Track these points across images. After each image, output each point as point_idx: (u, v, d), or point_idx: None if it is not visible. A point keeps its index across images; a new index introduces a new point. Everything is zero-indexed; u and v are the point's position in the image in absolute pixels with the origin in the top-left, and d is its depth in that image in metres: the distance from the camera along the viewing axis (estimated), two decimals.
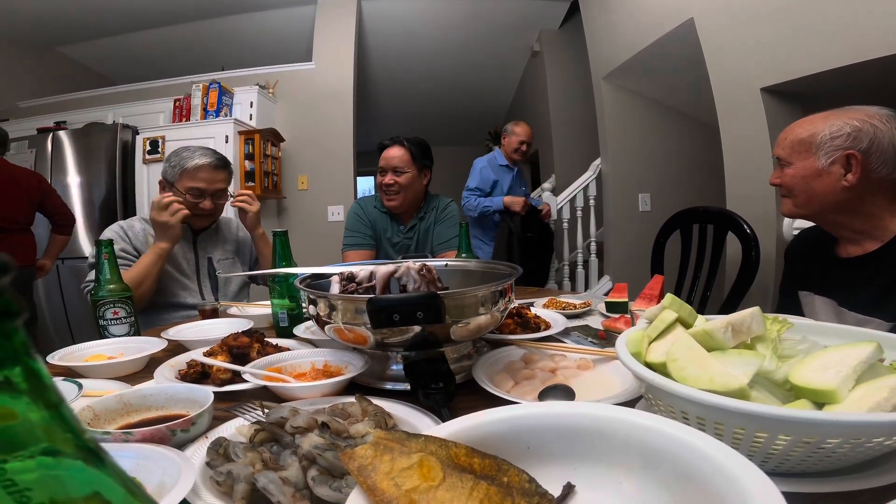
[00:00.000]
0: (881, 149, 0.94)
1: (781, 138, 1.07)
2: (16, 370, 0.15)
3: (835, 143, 0.97)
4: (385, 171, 1.79)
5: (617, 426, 0.41)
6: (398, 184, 1.77)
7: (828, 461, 0.42)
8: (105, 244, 1.08)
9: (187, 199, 1.47)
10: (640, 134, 3.30)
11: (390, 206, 1.83)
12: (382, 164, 1.80)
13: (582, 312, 1.24)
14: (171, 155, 1.53)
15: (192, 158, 1.49)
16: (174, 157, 1.51)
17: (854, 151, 0.95)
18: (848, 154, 0.96)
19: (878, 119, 0.95)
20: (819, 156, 0.99)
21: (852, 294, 1.01)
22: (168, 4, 3.62)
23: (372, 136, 5.45)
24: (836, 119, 0.98)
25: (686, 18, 2.36)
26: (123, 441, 0.53)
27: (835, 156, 0.97)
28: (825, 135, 0.98)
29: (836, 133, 0.97)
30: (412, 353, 0.71)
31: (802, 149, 1.02)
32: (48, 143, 3.10)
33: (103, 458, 0.17)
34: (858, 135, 0.95)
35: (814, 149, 1.00)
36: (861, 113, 0.97)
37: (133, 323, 1.09)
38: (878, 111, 0.97)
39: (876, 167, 0.95)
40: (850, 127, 0.96)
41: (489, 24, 4.13)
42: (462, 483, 0.35)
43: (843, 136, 0.96)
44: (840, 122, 0.97)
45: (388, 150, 1.80)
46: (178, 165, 1.48)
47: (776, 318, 0.58)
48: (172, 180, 1.49)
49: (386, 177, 1.78)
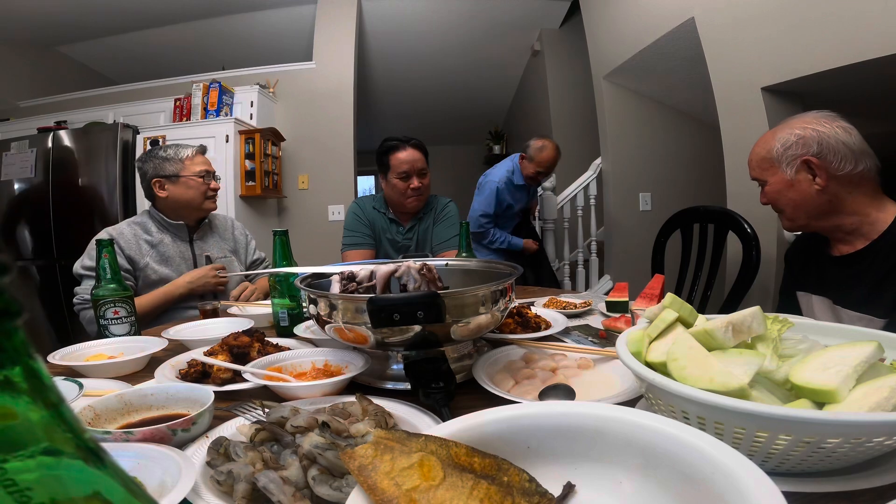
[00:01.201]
0: (831, 147, 0.98)
1: (749, 160, 1.12)
2: (16, 370, 0.15)
3: (788, 153, 1.02)
4: (411, 175, 1.78)
5: (617, 426, 0.41)
6: (423, 185, 1.80)
7: (828, 461, 0.42)
8: (105, 244, 1.08)
9: (198, 181, 1.54)
10: (640, 133, 3.30)
11: (415, 207, 1.84)
12: (407, 167, 1.77)
13: (582, 312, 1.24)
14: (147, 157, 1.55)
15: (181, 149, 1.56)
16: (159, 155, 1.54)
17: (808, 156, 0.99)
18: (805, 160, 1.00)
19: (818, 122, 1.00)
20: (783, 168, 1.03)
21: (846, 292, 1.03)
22: (168, 4, 3.62)
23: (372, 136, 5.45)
24: (781, 132, 1.04)
25: (687, 18, 2.36)
26: (124, 441, 0.53)
27: (795, 164, 1.02)
28: (778, 148, 1.03)
29: (785, 144, 1.02)
30: (412, 353, 0.71)
31: (767, 165, 1.07)
32: (49, 143, 3.10)
33: (104, 458, 0.17)
34: (805, 141, 1.00)
35: (776, 163, 1.04)
36: (799, 121, 1.02)
37: (133, 322, 1.09)
38: (815, 115, 1.02)
39: (836, 165, 0.98)
40: (795, 136, 1.01)
41: (489, 24, 4.13)
42: (462, 482, 0.35)
43: (792, 145, 1.01)
44: (785, 133, 1.02)
45: (403, 152, 1.78)
46: (176, 157, 1.53)
47: (777, 317, 0.58)
48: (177, 172, 1.52)
49: (413, 180, 1.78)
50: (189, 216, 1.58)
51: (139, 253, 1.48)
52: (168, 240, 1.55)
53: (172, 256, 1.54)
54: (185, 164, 1.53)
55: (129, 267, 1.46)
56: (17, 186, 3.11)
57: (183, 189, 1.53)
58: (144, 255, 1.49)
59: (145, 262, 1.49)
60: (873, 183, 1.01)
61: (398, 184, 1.78)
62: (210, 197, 1.58)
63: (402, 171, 1.76)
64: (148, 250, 1.51)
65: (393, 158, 1.78)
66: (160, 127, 3.27)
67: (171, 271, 1.52)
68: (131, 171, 3.19)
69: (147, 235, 1.52)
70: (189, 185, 1.53)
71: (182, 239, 1.57)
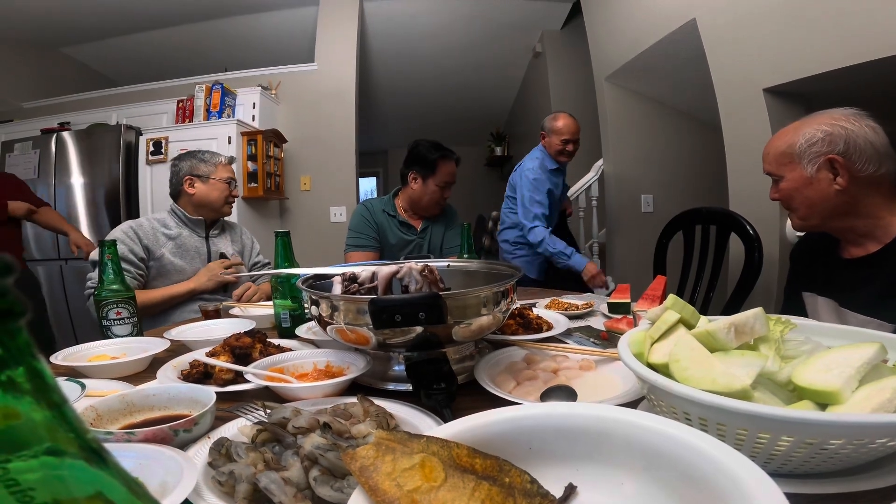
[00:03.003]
0: (858, 147, 0.95)
1: (765, 153, 1.08)
2: (19, 370, 0.15)
3: (812, 149, 0.98)
4: (450, 185, 1.90)
5: (619, 427, 0.41)
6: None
7: (831, 462, 0.42)
8: (108, 245, 1.08)
9: (224, 186, 1.69)
10: (642, 135, 3.30)
11: (437, 213, 1.97)
12: (451, 179, 1.89)
13: (584, 313, 1.23)
14: (187, 156, 1.70)
15: (216, 156, 1.72)
16: (197, 156, 1.69)
17: (834, 155, 0.96)
18: (829, 158, 0.97)
19: (846, 120, 0.96)
20: (804, 164, 1.00)
21: (854, 294, 1.01)
22: (171, 6, 3.63)
23: (374, 137, 5.47)
24: (807, 127, 1.00)
25: (688, 19, 2.36)
26: (126, 441, 0.53)
27: (818, 162, 0.98)
28: (801, 144, 0.99)
29: (810, 140, 0.98)
30: (414, 354, 0.71)
31: (786, 160, 1.03)
32: (52, 144, 3.11)
33: (106, 459, 0.17)
34: (832, 138, 0.96)
35: (796, 159, 1.00)
36: (827, 117, 0.99)
37: (136, 323, 1.10)
38: (843, 112, 0.98)
39: (860, 166, 0.95)
40: (822, 132, 0.97)
41: (491, 25, 4.13)
42: (464, 484, 0.35)
43: (818, 142, 0.97)
44: (811, 128, 0.99)
45: (450, 164, 1.87)
46: (211, 161, 1.69)
47: (779, 318, 0.58)
48: (208, 174, 1.67)
49: (448, 191, 1.91)
50: (208, 215, 1.70)
51: (156, 243, 1.57)
52: (186, 233, 1.65)
53: (189, 249, 1.64)
54: (217, 169, 1.69)
55: (144, 256, 1.54)
56: None
57: (209, 189, 1.67)
58: (161, 245, 1.58)
59: (162, 252, 1.57)
60: (891, 186, 0.98)
61: (436, 191, 1.88)
62: (229, 202, 1.73)
63: (447, 181, 1.88)
64: (165, 241, 1.60)
65: (442, 167, 1.86)
66: (163, 128, 3.28)
67: (185, 263, 1.61)
68: (134, 173, 3.21)
69: (165, 229, 1.62)
70: (216, 187, 1.68)
71: (199, 234, 1.68)
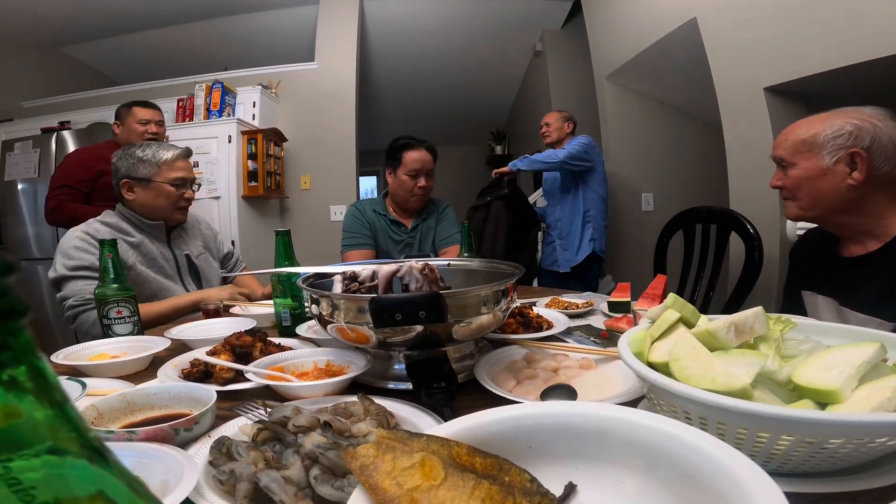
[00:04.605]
0: (882, 146, 0.95)
1: (781, 140, 1.07)
2: (21, 369, 0.15)
3: (837, 141, 0.98)
4: (419, 174, 1.85)
5: (619, 426, 0.41)
6: (428, 186, 1.89)
7: (830, 461, 0.42)
8: (108, 244, 1.08)
9: (171, 190, 1.44)
10: (642, 134, 3.30)
11: (416, 206, 1.93)
12: (418, 167, 1.85)
13: (584, 312, 1.23)
14: (124, 154, 1.44)
15: (162, 151, 1.45)
16: (135, 154, 1.43)
17: (858, 149, 0.96)
18: (853, 152, 0.96)
19: (876, 118, 0.97)
20: (823, 155, 0.99)
21: (854, 293, 1.01)
22: (171, 5, 3.63)
23: (374, 136, 5.46)
24: (836, 119, 0.99)
25: (689, 18, 2.35)
26: (127, 440, 0.53)
27: (839, 154, 0.98)
28: (827, 134, 0.99)
29: (837, 132, 0.98)
30: (414, 353, 0.71)
31: (805, 149, 1.02)
32: (52, 143, 3.11)
33: (107, 457, 0.17)
34: (860, 133, 0.96)
35: (816, 148, 1.00)
36: (859, 113, 0.98)
37: (136, 322, 1.10)
38: (873, 111, 0.98)
39: (879, 164, 0.96)
40: (852, 126, 0.97)
41: (491, 24, 4.13)
42: (464, 482, 0.35)
43: (845, 135, 0.97)
44: (840, 121, 0.98)
45: (416, 152, 1.85)
46: (150, 160, 1.42)
47: (779, 317, 0.58)
48: (148, 176, 1.41)
49: (421, 180, 1.86)
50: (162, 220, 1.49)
51: (124, 254, 1.37)
52: (147, 241, 1.45)
53: (155, 258, 1.46)
54: (161, 169, 1.43)
55: None
56: (20, 187, 3.12)
57: (152, 196, 1.43)
58: (129, 256, 1.39)
59: (131, 262, 1.39)
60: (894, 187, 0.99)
61: (407, 181, 1.85)
62: (181, 208, 1.49)
63: (413, 169, 1.84)
64: (131, 252, 1.40)
65: (406, 156, 1.85)
66: None
67: (157, 273, 1.44)
68: None
69: (126, 236, 1.41)
70: (160, 191, 1.43)
71: (160, 239, 1.49)
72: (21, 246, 3.11)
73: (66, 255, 1.31)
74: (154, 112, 2.19)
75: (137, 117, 2.14)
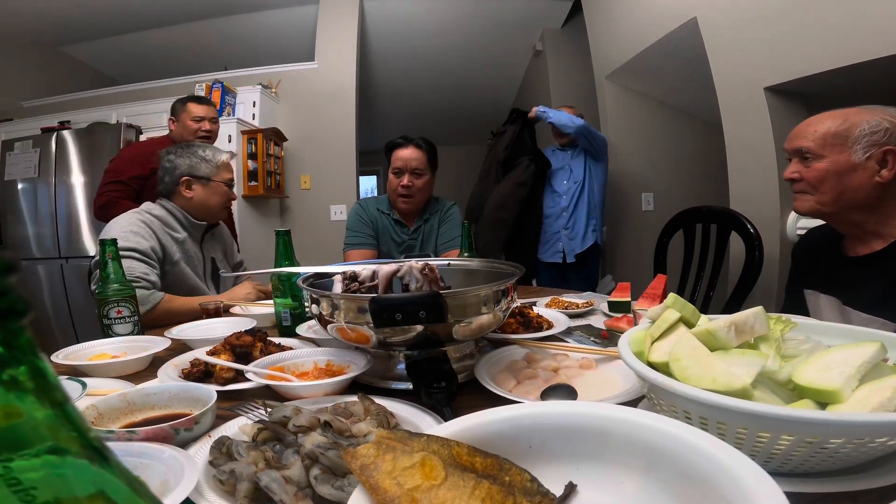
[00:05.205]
0: None
1: (808, 131, 1.02)
2: (21, 369, 0.15)
3: (873, 137, 0.96)
4: (403, 172, 1.75)
5: (619, 426, 0.41)
6: (415, 186, 1.76)
7: (831, 461, 0.42)
8: (109, 243, 1.08)
9: (225, 190, 1.51)
10: (643, 133, 3.29)
11: (406, 208, 1.81)
12: (400, 164, 1.74)
13: (584, 312, 1.23)
14: (185, 151, 1.48)
15: (218, 153, 1.51)
16: (197, 153, 1.48)
17: (893, 147, 0.95)
18: (886, 149, 0.95)
19: None
20: (855, 150, 0.96)
21: (858, 293, 1.01)
22: (171, 4, 3.63)
23: (374, 136, 5.46)
24: (871, 115, 0.97)
25: (689, 17, 2.35)
26: (127, 440, 0.53)
27: (871, 151, 0.96)
28: (864, 129, 0.96)
29: (875, 128, 0.96)
30: (415, 353, 0.71)
31: (837, 142, 0.98)
32: (52, 143, 3.11)
33: (108, 457, 0.17)
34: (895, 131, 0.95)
35: (850, 143, 0.97)
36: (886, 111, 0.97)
37: (137, 322, 1.10)
38: None
39: None
40: (889, 122, 0.95)
41: (491, 24, 4.13)
42: (464, 482, 0.35)
43: (881, 132, 0.95)
44: (876, 118, 0.96)
45: (403, 150, 1.76)
46: (212, 161, 1.48)
47: (779, 317, 0.58)
48: (209, 175, 1.47)
49: (404, 178, 1.74)
50: (204, 220, 1.52)
51: (170, 249, 1.40)
52: (189, 240, 1.48)
53: (192, 256, 1.48)
54: (219, 170, 1.49)
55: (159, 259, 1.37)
56: (20, 186, 3.12)
57: (210, 194, 1.48)
58: (175, 252, 1.41)
59: (177, 258, 1.41)
60: None
61: (392, 180, 1.79)
62: (226, 208, 1.55)
63: (396, 167, 1.77)
64: (176, 248, 1.42)
65: (393, 154, 1.79)
66: (163, 127, 3.26)
67: (192, 272, 1.46)
68: None
69: (172, 231, 1.44)
70: (216, 191, 1.49)
71: (195, 239, 1.52)
72: (21, 246, 3.11)
73: (120, 237, 1.30)
74: (208, 109, 2.16)
75: (192, 113, 2.11)
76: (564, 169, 2.79)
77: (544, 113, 2.69)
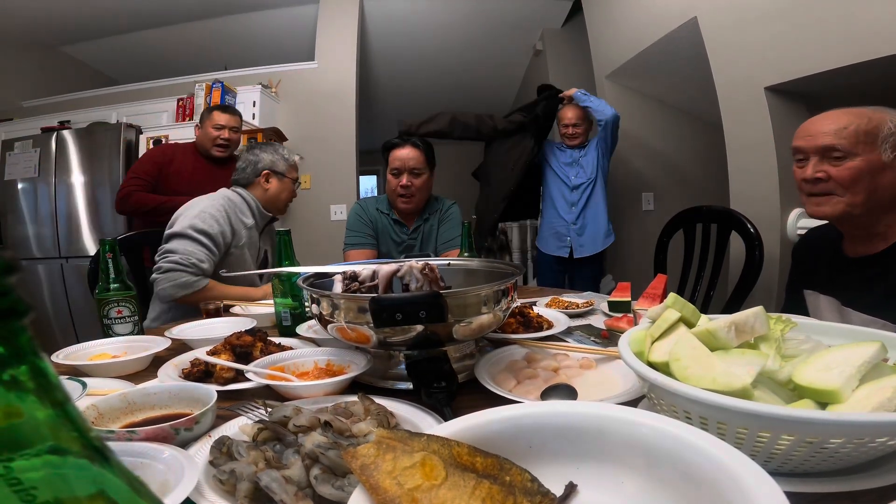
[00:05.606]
0: None
1: (837, 128, 0.97)
2: (22, 369, 0.15)
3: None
4: (401, 172, 1.75)
5: (619, 425, 0.41)
6: (414, 185, 1.76)
7: (831, 461, 0.42)
8: (108, 244, 1.08)
9: (292, 189, 1.68)
10: (643, 133, 3.29)
11: (406, 208, 1.82)
12: (398, 164, 1.75)
13: (584, 312, 1.23)
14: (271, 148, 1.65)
15: (292, 154, 1.68)
16: (279, 151, 1.65)
17: None
18: None
19: None
20: (883, 148, 0.94)
21: (858, 293, 1.00)
22: (171, 4, 3.63)
23: (374, 136, 5.46)
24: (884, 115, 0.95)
25: (689, 17, 2.35)
26: (127, 440, 0.53)
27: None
28: (890, 128, 0.94)
29: None
30: (415, 353, 0.71)
31: (868, 140, 0.95)
32: (52, 143, 3.11)
33: (108, 457, 0.17)
34: None
35: (879, 141, 0.94)
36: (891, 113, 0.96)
37: (137, 322, 1.10)
38: None
39: None
40: None
41: (491, 23, 4.13)
42: (464, 482, 0.35)
43: None
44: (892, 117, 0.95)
45: (400, 150, 1.77)
46: (289, 160, 1.66)
47: (780, 317, 0.58)
48: (285, 172, 1.64)
49: (402, 178, 1.75)
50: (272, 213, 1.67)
51: (242, 233, 1.53)
52: (254, 228, 1.61)
53: (253, 244, 1.61)
54: (291, 169, 1.66)
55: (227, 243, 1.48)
56: (20, 186, 3.12)
57: (282, 188, 1.64)
58: (243, 235, 1.54)
59: (244, 241, 1.53)
60: None
61: (391, 180, 1.80)
62: (289, 203, 1.71)
63: (394, 167, 1.78)
64: (244, 232, 1.55)
65: (391, 154, 1.80)
66: (163, 127, 3.28)
67: (250, 258, 1.59)
68: None
69: (244, 217, 1.57)
70: (287, 187, 1.65)
71: (258, 229, 1.65)
72: (21, 246, 3.11)
73: (198, 216, 1.43)
74: (230, 118, 2.21)
75: (214, 121, 2.18)
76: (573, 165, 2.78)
77: (585, 96, 2.62)
